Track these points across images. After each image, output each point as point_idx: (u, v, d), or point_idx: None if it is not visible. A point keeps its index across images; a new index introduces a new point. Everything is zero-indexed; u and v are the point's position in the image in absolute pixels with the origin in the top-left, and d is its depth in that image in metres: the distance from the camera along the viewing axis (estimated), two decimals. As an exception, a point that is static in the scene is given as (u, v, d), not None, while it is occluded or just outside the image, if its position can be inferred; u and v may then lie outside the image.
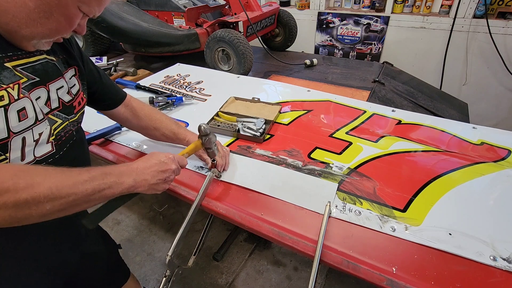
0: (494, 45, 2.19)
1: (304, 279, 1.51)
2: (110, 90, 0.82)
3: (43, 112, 0.56)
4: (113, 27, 1.73)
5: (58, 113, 0.61)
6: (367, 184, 0.81)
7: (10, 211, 0.42)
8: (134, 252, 1.69)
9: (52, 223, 0.50)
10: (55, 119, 0.60)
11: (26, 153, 0.53)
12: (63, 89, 0.62)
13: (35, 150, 0.55)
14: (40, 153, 0.56)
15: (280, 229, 0.70)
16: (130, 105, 0.86)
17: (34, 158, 0.55)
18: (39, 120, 0.55)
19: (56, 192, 0.46)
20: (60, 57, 0.63)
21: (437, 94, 1.88)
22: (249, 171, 0.87)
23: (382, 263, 0.61)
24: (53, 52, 0.61)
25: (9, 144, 0.50)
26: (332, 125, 1.08)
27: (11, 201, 0.42)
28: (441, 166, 0.87)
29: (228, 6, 2.16)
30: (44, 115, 0.56)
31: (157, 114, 0.90)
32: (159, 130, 0.88)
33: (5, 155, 0.49)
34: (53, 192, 0.45)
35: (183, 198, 0.83)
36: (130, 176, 0.57)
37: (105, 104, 0.82)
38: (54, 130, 0.59)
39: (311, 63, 1.95)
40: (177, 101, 1.27)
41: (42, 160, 0.57)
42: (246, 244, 1.70)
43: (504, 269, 0.59)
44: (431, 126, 1.06)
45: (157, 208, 1.97)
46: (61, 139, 0.62)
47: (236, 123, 1.08)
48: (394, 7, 2.48)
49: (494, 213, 0.72)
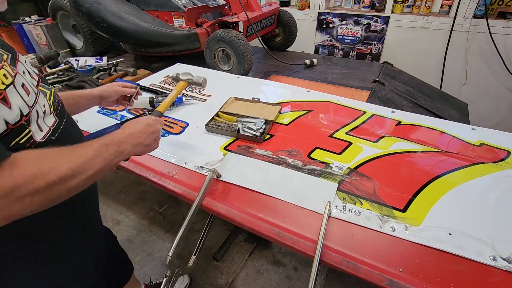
0: (494, 45, 2.19)
1: (304, 279, 1.51)
2: None
3: (33, 85, 0.57)
4: (113, 27, 1.73)
5: (43, 84, 0.63)
6: (367, 184, 0.81)
7: (44, 194, 0.47)
8: (134, 252, 1.69)
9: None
10: (44, 90, 0.62)
11: (41, 125, 0.56)
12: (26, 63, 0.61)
13: (45, 121, 0.58)
14: (50, 123, 0.59)
15: (280, 229, 0.70)
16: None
17: (48, 129, 0.58)
18: (36, 93, 0.57)
19: (76, 170, 0.51)
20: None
21: (437, 94, 1.88)
22: (249, 171, 0.87)
23: (382, 263, 0.61)
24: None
25: (30, 118, 0.53)
26: (332, 126, 1.08)
27: (42, 185, 0.46)
28: (441, 166, 0.87)
29: (228, 6, 2.16)
30: (36, 87, 0.58)
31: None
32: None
33: (29, 128, 0.53)
34: (74, 170, 0.50)
35: (183, 198, 0.83)
36: (128, 143, 0.62)
37: None
38: (48, 100, 0.61)
39: (311, 63, 1.95)
40: (177, 101, 1.27)
41: (54, 130, 0.60)
42: (246, 244, 1.70)
43: (504, 269, 0.59)
44: (430, 127, 1.06)
45: (157, 208, 1.96)
46: (58, 109, 0.64)
47: (236, 123, 1.08)
48: (394, 7, 2.48)
49: (494, 213, 0.72)
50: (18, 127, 0.51)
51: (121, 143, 0.60)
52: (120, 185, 2.19)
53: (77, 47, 2.31)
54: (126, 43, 2.10)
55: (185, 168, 0.90)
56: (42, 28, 2.12)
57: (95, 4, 1.69)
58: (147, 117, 0.71)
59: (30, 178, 0.45)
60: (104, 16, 1.70)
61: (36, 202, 0.46)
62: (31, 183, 0.45)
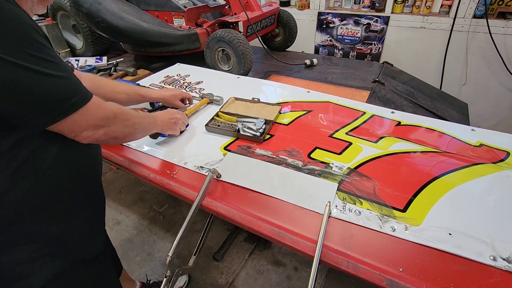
0: (494, 45, 2.19)
1: (304, 279, 1.51)
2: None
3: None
4: (113, 27, 1.73)
5: None
6: (367, 184, 0.81)
7: (123, 127, 0.70)
8: (134, 252, 1.69)
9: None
10: None
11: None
12: None
13: None
14: None
15: (280, 229, 0.70)
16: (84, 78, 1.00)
17: None
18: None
19: (139, 120, 0.77)
20: None
21: (437, 94, 1.88)
22: (249, 171, 0.87)
23: (382, 263, 0.61)
24: None
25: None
26: (332, 126, 1.08)
27: (124, 120, 0.69)
28: (441, 167, 0.87)
29: (228, 6, 2.16)
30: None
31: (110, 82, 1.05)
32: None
33: None
34: (137, 119, 0.76)
35: (183, 198, 0.83)
36: (157, 119, 0.90)
37: None
38: None
39: (311, 63, 1.95)
40: None
41: None
42: (246, 244, 1.70)
43: (504, 269, 0.59)
44: (430, 127, 1.06)
45: (157, 208, 1.97)
46: None
47: (236, 123, 1.08)
48: (394, 7, 2.48)
49: (494, 213, 0.72)
50: None
51: (155, 118, 0.89)
52: (120, 185, 2.19)
53: (77, 47, 2.31)
54: (126, 43, 2.10)
55: (185, 168, 0.90)
56: (42, 28, 2.12)
57: (95, 4, 1.69)
58: (169, 109, 1.01)
59: (115, 114, 0.66)
60: (104, 16, 1.70)
61: (120, 131, 0.69)
62: (118, 116, 0.67)
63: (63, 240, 0.66)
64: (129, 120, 0.71)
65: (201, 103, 1.24)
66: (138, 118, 0.76)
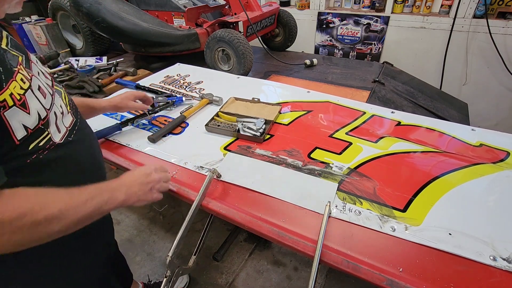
0: (494, 45, 2.19)
1: (304, 279, 1.51)
2: None
3: (49, 85, 0.58)
4: (113, 27, 1.73)
5: (56, 83, 0.63)
6: (367, 184, 0.81)
7: (25, 233, 0.44)
8: (134, 252, 1.69)
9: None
10: (59, 89, 0.62)
11: (59, 126, 0.57)
12: (38, 63, 0.60)
13: (64, 122, 0.59)
14: (67, 124, 0.60)
15: (280, 229, 0.70)
16: None
17: (66, 129, 0.59)
18: (52, 94, 0.57)
19: (65, 212, 0.49)
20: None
21: (437, 94, 1.88)
22: (249, 171, 0.87)
23: (382, 263, 0.61)
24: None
25: (48, 121, 0.54)
26: (332, 126, 1.08)
27: (29, 223, 0.44)
28: (441, 167, 0.87)
29: (228, 6, 2.16)
30: (51, 88, 0.58)
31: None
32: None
33: (48, 130, 0.54)
34: (62, 213, 0.48)
35: (183, 198, 0.83)
36: (121, 190, 0.61)
37: None
38: (65, 99, 0.62)
39: (311, 63, 1.95)
40: (177, 101, 1.27)
41: (72, 128, 0.61)
42: (246, 244, 1.70)
43: (504, 269, 0.59)
44: (430, 127, 1.06)
45: (157, 208, 1.96)
46: (73, 108, 0.65)
47: (236, 123, 1.08)
48: (394, 7, 2.48)
49: (494, 213, 0.72)
50: (37, 130, 0.51)
51: (114, 190, 0.60)
52: (120, 185, 2.19)
53: (77, 47, 2.31)
54: (126, 43, 2.10)
55: (185, 168, 0.90)
56: (42, 28, 2.12)
57: (95, 4, 1.69)
58: (145, 167, 0.70)
59: (18, 216, 0.43)
60: (104, 16, 1.70)
61: (12, 241, 0.43)
62: (18, 221, 0.43)
63: None
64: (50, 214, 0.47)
65: (201, 103, 1.24)
66: (71, 204, 0.50)
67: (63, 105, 0.59)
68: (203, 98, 1.27)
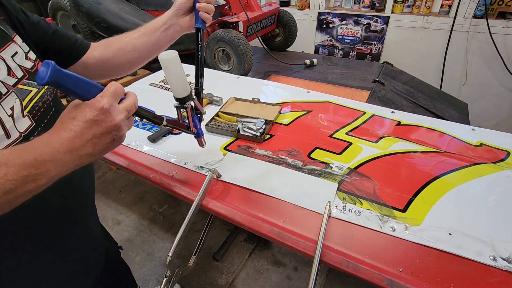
0: (494, 45, 2.19)
1: (304, 279, 1.51)
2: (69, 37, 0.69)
3: (6, 84, 0.50)
4: (113, 27, 1.73)
5: (29, 82, 0.54)
6: (367, 184, 0.81)
7: None
8: (134, 252, 1.69)
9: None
10: (28, 88, 0.53)
11: (9, 130, 0.48)
12: (19, 55, 0.53)
13: (17, 126, 0.50)
14: (22, 128, 0.51)
15: (280, 229, 0.70)
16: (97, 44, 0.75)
17: (20, 134, 0.51)
18: (4, 94, 0.48)
19: None
20: (1, 18, 0.54)
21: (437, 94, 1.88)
22: (249, 171, 0.87)
23: (382, 263, 0.61)
24: None
25: None
26: (332, 126, 1.08)
27: None
28: (441, 167, 0.87)
29: (228, 6, 2.16)
30: (8, 87, 0.50)
31: (124, 37, 0.77)
32: (138, 41, 0.75)
33: None
34: None
35: (183, 198, 0.83)
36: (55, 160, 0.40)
37: (69, 55, 0.69)
38: (29, 102, 0.53)
39: (311, 63, 1.95)
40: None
41: (28, 135, 0.52)
42: (246, 244, 1.70)
43: (504, 269, 0.59)
44: (430, 127, 1.06)
45: (157, 208, 1.97)
46: (40, 111, 0.55)
47: (236, 123, 1.08)
48: (394, 7, 2.48)
49: (494, 213, 0.72)
50: None
51: (40, 163, 0.39)
52: (120, 185, 2.19)
53: (77, 47, 2.31)
54: (126, 43, 2.10)
55: (185, 168, 0.90)
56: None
57: (95, 4, 1.69)
58: (93, 102, 0.42)
59: None
60: (104, 16, 1.70)
61: None
62: None
63: None
64: None
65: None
66: None
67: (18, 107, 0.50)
68: (203, 98, 1.27)
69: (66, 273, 0.66)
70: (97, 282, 0.78)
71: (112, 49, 0.75)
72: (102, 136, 0.43)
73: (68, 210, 0.64)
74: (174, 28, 0.77)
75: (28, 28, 0.60)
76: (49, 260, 0.62)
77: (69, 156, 0.41)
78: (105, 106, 0.42)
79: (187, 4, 0.74)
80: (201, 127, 0.76)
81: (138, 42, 0.76)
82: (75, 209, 0.67)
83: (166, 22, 0.75)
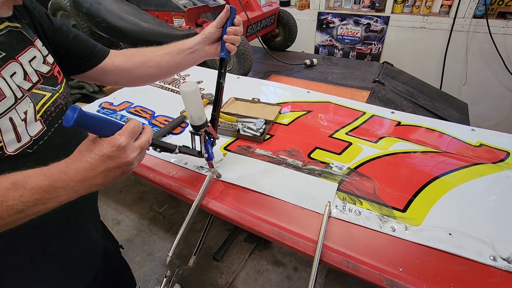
0: (494, 45, 2.20)
1: (304, 279, 1.51)
2: (89, 43, 0.71)
3: (22, 89, 0.51)
4: (113, 27, 1.73)
5: (43, 86, 0.55)
6: (367, 184, 0.81)
7: None
8: (134, 252, 1.69)
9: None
10: (42, 93, 0.55)
11: (21, 134, 0.50)
12: (36, 59, 0.55)
13: (28, 130, 0.52)
14: (34, 133, 0.53)
15: (280, 229, 0.70)
16: (119, 53, 0.77)
17: (30, 138, 0.52)
18: (19, 98, 0.50)
19: None
20: (24, 21, 0.54)
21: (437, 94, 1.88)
22: (249, 171, 0.87)
23: (382, 263, 0.61)
24: (15, 17, 0.52)
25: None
26: (332, 126, 1.08)
27: None
28: (441, 167, 0.87)
29: (228, 6, 2.15)
30: (24, 92, 0.51)
31: (147, 52, 0.78)
32: (160, 58, 0.76)
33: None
34: None
35: (183, 198, 0.83)
36: (68, 188, 0.44)
37: (89, 60, 0.70)
38: (42, 106, 0.55)
39: (311, 63, 1.95)
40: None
41: (38, 139, 0.54)
42: (246, 244, 1.70)
43: (504, 269, 0.59)
44: (430, 127, 1.06)
45: (157, 208, 1.97)
46: (51, 115, 0.57)
47: (236, 123, 1.08)
48: (394, 7, 2.48)
49: (493, 213, 0.72)
50: None
51: (54, 189, 0.42)
52: (120, 185, 2.19)
53: (77, 47, 2.31)
54: (126, 43, 2.10)
55: (185, 168, 0.90)
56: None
57: (95, 4, 1.69)
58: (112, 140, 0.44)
59: None
60: (104, 16, 1.70)
61: None
62: None
63: None
64: None
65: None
66: None
67: (31, 111, 0.52)
68: (203, 98, 1.27)
69: (61, 275, 0.67)
70: (94, 283, 0.78)
71: (134, 61, 0.77)
72: (114, 169, 0.46)
73: (67, 214, 0.64)
74: (199, 53, 0.78)
75: (50, 33, 0.62)
76: (45, 263, 0.62)
77: (81, 184, 0.44)
78: (122, 144, 0.45)
79: (215, 35, 0.76)
80: (212, 151, 0.78)
81: (162, 59, 0.77)
82: (75, 213, 0.67)
83: (192, 46, 0.77)
